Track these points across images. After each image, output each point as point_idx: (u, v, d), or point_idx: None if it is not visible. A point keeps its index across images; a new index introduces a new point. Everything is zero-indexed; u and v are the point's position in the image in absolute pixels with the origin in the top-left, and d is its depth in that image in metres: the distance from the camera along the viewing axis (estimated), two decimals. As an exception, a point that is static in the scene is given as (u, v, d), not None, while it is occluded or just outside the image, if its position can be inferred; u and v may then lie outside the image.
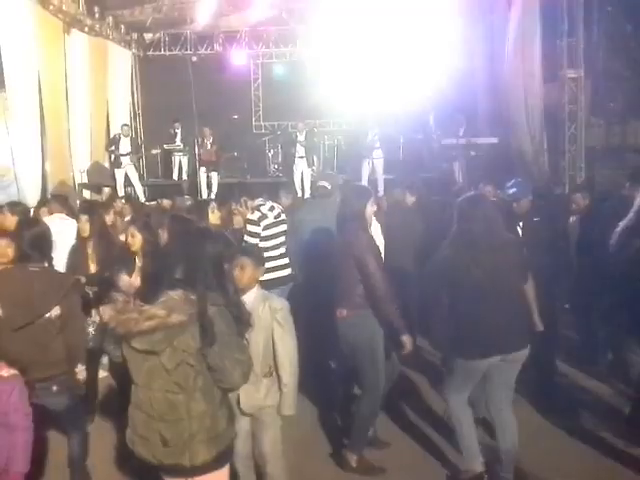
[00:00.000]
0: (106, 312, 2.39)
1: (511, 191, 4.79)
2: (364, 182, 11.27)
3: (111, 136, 12.56)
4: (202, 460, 2.43)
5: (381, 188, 11.22)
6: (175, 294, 2.37)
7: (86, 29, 12.90)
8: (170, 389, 2.40)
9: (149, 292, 2.41)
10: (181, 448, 2.41)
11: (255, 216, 5.09)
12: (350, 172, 12.97)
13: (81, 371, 3.41)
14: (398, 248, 5.12)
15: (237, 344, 2.46)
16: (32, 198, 9.64)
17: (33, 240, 3.31)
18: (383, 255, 4.08)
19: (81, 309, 3.50)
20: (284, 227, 5.22)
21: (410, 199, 6.49)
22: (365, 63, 12.15)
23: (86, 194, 11.64)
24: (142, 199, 11.74)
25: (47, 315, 3.23)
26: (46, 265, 3.41)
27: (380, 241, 4.61)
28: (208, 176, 12.23)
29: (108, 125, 13.32)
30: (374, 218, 4.18)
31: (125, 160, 11.74)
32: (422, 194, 6.96)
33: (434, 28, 10.50)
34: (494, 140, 10.63)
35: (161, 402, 2.41)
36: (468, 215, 3.44)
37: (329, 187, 5.48)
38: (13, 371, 2.87)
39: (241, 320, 2.52)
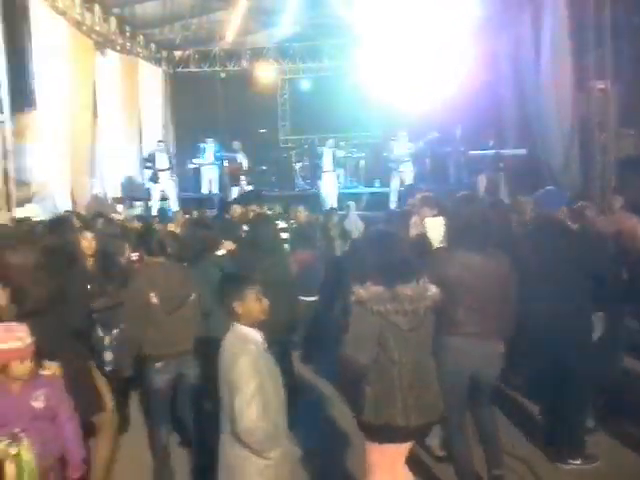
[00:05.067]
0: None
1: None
2: (393, 195, 11.36)
3: (145, 152, 12.81)
4: (441, 413, 3.02)
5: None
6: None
7: (118, 48, 13.28)
8: (424, 356, 2.97)
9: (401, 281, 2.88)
10: (434, 405, 2.96)
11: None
12: (378, 185, 13.09)
13: None
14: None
15: None
16: (64, 210, 9.95)
17: (159, 240, 4.01)
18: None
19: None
20: None
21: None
22: (392, 76, 12.22)
23: (119, 208, 11.91)
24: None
25: (189, 299, 3.89)
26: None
27: None
28: (243, 189, 12.35)
29: (141, 141, 13.63)
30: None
31: (163, 175, 11.87)
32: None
33: (460, 40, 10.53)
34: (522, 151, 10.59)
35: (420, 370, 2.92)
36: None
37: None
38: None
39: None
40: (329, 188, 12.13)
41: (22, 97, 10.45)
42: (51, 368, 3.16)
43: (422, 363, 2.95)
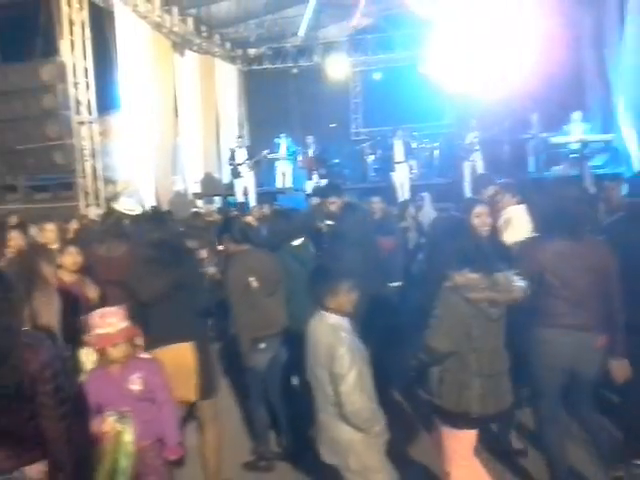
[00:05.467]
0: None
1: None
2: (466, 184, 11.14)
3: (222, 148, 13.17)
4: (512, 402, 3.04)
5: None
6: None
7: (195, 48, 13.72)
8: (501, 345, 2.97)
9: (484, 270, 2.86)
10: (507, 393, 2.99)
11: None
12: (451, 176, 12.85)
13: None
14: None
15: None
16: (149, 205, 10.47)
17: (242, 229, 4.25)
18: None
19: None
20: None
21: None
22: (464, 64, 11.95)
23: (199, 204, 12.36)
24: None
25: (280, 283, 4.12)
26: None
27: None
28: (317, 182, 12.45)
29: (219, 138, 14.05)
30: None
31: (243, 169, 12.10)
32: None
33: (537, 22, 10.15)
34: (609, 137, 10.11)
35: (497, 358, 2.94)
36: None
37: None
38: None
39: None
40: (402, 179, 12.03)
41: (108, 99, 11.05)
42: (181, 348, 3.50)
43: (498, 351, 2.97)
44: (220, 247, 4.85)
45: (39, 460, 2.39)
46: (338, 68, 15.23)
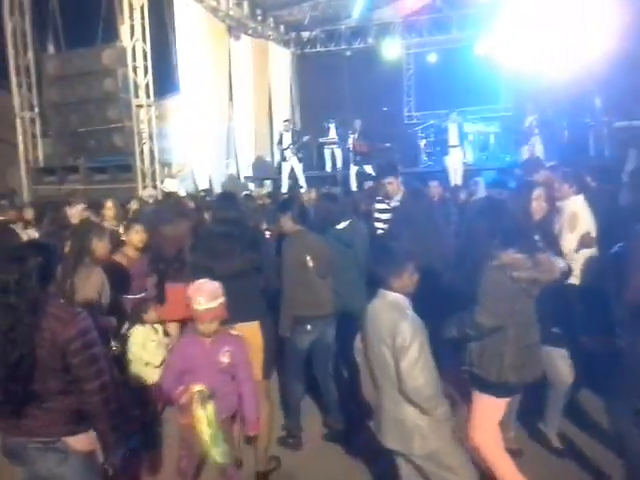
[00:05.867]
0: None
1: None
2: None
3: (274, 132, 13.28)
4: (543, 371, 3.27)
5: (542, 175, 10.72)
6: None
7: (249, 31, 13.80)
8: (534, 319, 3.10)
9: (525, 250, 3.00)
10: (540, 363, 3.18)
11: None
12: (509, 160, 12.54)
13: None
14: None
15: None
16: (203, 188, 10.71)
17: (300, 213, 4.19)
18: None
19: None
20: None
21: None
22: (523, 45, 11.58)
23: (251, 186, 12.52)
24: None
25: (332, 265, 4.17)
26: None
27: None
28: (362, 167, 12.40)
29: (271, 122, 14.15)
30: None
31: (288, 153, 12.21)
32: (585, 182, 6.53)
33: (601, 3, 9.72)
34: (676, 121, 9.62)
35: (532, 330, 3.10)
36: None
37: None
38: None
39: None
40: (455, 164, 11.80)
41: (166, 83, 11.29)
42: (249, 327, 3.51)
43: (533, 324, 3.12)
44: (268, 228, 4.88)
45: (82, 432, 2.38)
46: (392, 50, 15.01)
